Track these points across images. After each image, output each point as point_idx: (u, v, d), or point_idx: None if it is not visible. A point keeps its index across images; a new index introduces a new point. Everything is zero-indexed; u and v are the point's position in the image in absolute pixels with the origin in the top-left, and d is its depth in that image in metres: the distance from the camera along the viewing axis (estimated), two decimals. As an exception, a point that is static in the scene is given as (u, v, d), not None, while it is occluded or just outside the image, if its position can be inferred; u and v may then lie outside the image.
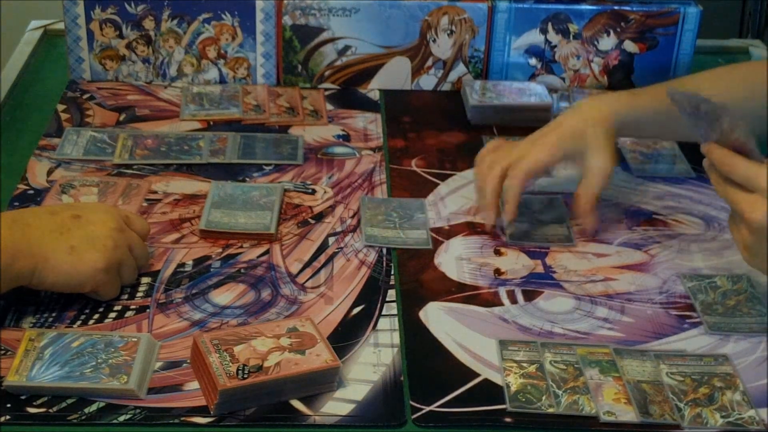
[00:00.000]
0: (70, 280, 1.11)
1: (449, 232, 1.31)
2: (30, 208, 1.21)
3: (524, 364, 1.08)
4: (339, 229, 1.30)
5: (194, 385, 1.04)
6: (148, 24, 1.62)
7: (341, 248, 1.27)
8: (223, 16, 1.62)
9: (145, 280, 1.19)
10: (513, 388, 1.05)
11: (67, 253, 1.10)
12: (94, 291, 1.14)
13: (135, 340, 1.06)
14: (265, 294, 1.18)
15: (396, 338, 1.12)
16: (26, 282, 1.10)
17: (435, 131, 1.55)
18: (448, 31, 1.63)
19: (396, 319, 1.15)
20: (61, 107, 1.56)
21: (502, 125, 1.56)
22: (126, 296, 1.16)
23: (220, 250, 1.25)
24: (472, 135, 1.54)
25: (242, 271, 1.22)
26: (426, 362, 1.09)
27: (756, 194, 1.05)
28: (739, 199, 1.07)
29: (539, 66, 1.66)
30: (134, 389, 1.01)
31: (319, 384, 1.03)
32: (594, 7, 1.63)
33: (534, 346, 1.10)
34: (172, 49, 1.63)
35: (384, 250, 1.26)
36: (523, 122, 1.56)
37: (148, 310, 1.14)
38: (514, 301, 1.19)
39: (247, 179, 1.40)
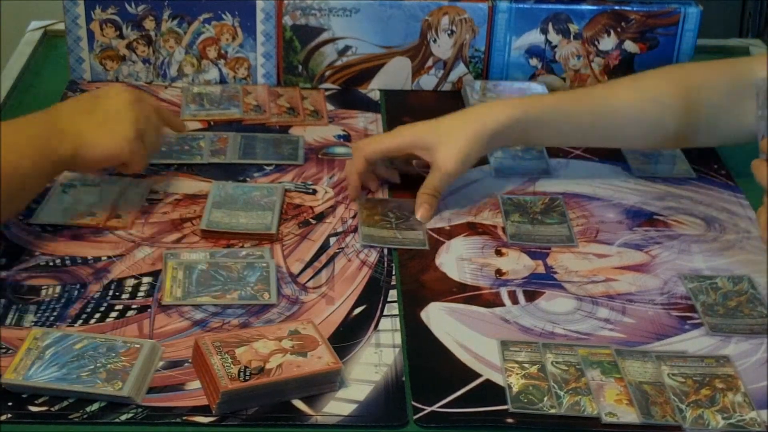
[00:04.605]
0: (107, 152, 1.23)
1: (450, 233, 1.31)
2: (56, 104, 1.31)
3: (526, 365, 1.08)
4: (340, 230, 1.30)
5: (196, 384, 1.04)
6: (149, 24, 1.62)
7: (342, 248, 1.27)
8: (224, 16, 1.62)
9: (147, 279, 1.19)
10: (515, 389, 1.05)
11: (99, 127, 1.23)
12: (126, 161, 1.26)
13: (137, 346, 1.06)
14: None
15: (397, 338, 1.12)
16: (70, 165, 1.24)
17: (435, 131, 1.55)
18: (449, 31, 1.63)
19: (397, 319, 1.15)
20: (61, 107, 1.56)
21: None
22: (127, 296, 1.16)
23: (222, 250, 1.25)
24: (473, 135, 1.54)
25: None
26: (427, 363, 1.09)
27: None
28: None
29: (540, 66, 1.66)
30: (127, 396, 1.01)
31: (320, 385, 1.03)
32: (594, 7, 1.63)
33: (535, 347, 1.10)
34: (172, 50, 1.63)
35: (385, 251, 1.26)
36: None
37: (149, 310, 1.14)
38: (515, 301, 1.19)
39: (248, 179, 1.40)
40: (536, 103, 1.38)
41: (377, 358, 1.09)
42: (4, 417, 0.99)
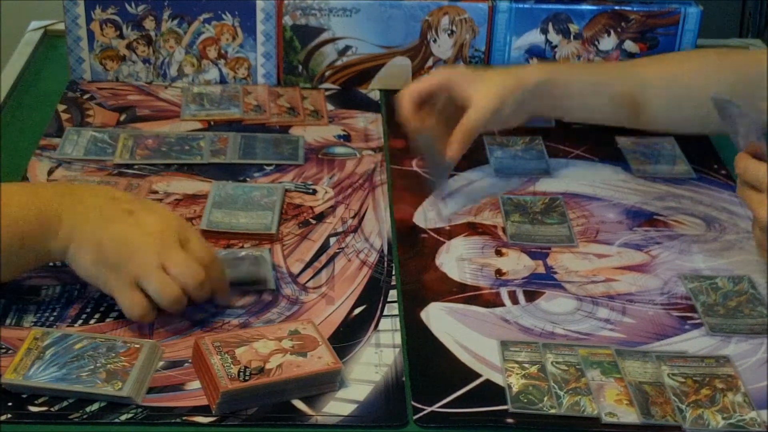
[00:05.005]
0: (86, 273, 1.09)
1: (450, 233, 1.31)
2: (98, 187, 1.19)
3: (526, 365, 1.08)
4: (340, 230, 1.30)
5: (196, 384, 1.04)
6: (149, 24, 1.62)
7: (342, 248, 1.27)
8: (224, 16, 1.62)
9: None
10: (515, 389, 1.05)
11: (93, 246, 1.07)
12: (114, 297, 1.10)
13: (137, 346, 1.06)
14: (266, 294, 1.18)
15: (398, 338, 1.12)
16: (60, 258, 1.10)
17: (435, 131, 1.55)
18: (449, 31, 1.63)
19: (397, 319, 1.15)
20: (61, 107, 1.56)
21: (502, 126, 1.56)
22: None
23: (222, 250, 1.25)
24: (473, 135, 1.54)
25: (243, 271, 1.22)
26: (428, 363, 1.09)
27: (763, 194, 1.08)
28: (750, 199, 1.10)
29: (540, 66, 1.66)
30: (127, 396, 1.01)
31: (320, 385, 1.03)
32: (594, 7, 1.63)
33: (536, 347, 1.10)
34: (172, 50, 1.63)
35: (385, 250, 1.26)
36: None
37: (149, 310, 1.14)
38: (515, 301, 1.19)
39: (248, 179, 1.40)
40: (574, 70, 1.43)
41: (377, 358, 1.09)
42: (4, 417, 0.99)
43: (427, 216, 1.33)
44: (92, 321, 1.12)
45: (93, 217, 1.09)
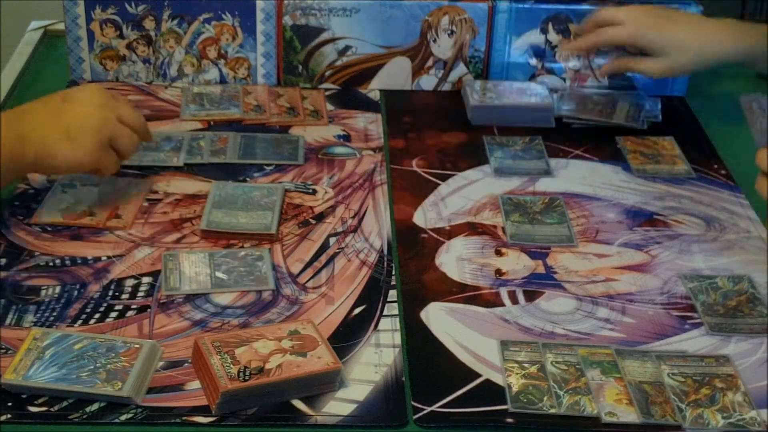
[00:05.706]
0: (67, 164, 1.23)
1: (450, 233, 1.31)
2: (32, 104, 1.27)
3: (526, 365, 1.08)
4: (340, 230, 1.30)
5: (195, 384, 1.04)
6: (149, 24, 1.62)
7: (342, 248, 1.27)
8: (224, 16, 1.62)
9: (146, 280, 1.19)
10: (514, 389, 1.05)
11: (62, 139, 1.22)
12: (91, 170, 1.26)
13: (137, 346, 1.06)
14: (266, 294, 1.18)
15: (397, 338, 1.12)
16: (33, 169, 1.26)
17: (435, 131, 1.55)
18: (449, 31, 1.63)
19: (397, 319, 1.15)
20: (61, 107, 1.56)
21: (502, 125, 1.56)
22: (127, 296, 1.16)
23: (221, 250, 1.25)
24: (473, 135, 1.54)
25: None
26: (427, 363, 1.09)
27: None
28: None
29: (540, 66, 1.66)
30: (127, 396, 1.01)
31: (320, 385, 1.03)
32: (594, 7, 1.62)
33: (535, 347, 1.10)
34: (172, 50, 1.63)
35: (385, 250, 1.26)
36: (523, 122, 1.56)
37: (149, 310, 1.14)
38: (515, 301, 1.19)
39: (248, 179, 1.40)
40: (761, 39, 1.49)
41: (377, 358, 1.09)
42: (4, 417, 0.99)
43: (427, 216, 1.34)
44: (92, 321, 1.13)
45: (46, 125, 1.22)
